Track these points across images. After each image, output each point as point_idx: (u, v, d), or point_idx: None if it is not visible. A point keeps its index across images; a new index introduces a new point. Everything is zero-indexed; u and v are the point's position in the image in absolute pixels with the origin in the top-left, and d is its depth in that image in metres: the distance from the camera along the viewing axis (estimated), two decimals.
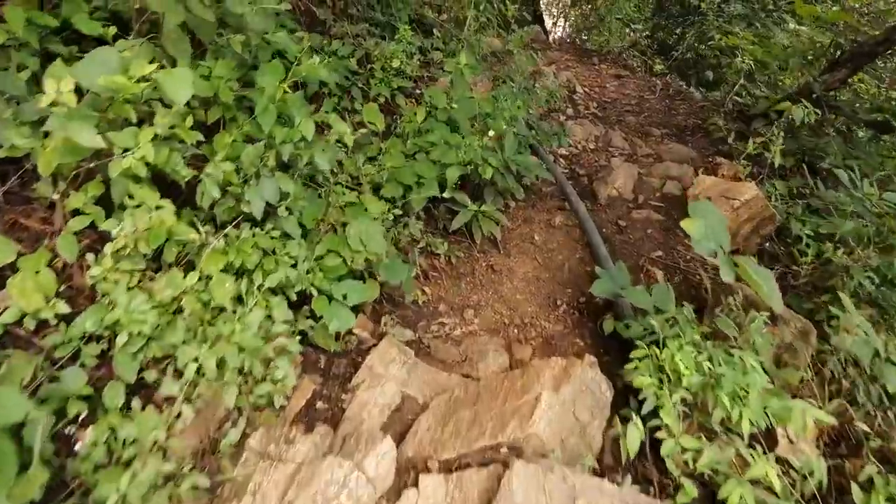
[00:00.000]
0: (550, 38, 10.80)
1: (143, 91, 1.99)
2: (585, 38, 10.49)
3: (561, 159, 5.35)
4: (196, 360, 1.91)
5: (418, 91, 4.55)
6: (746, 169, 4.94)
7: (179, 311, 1.98)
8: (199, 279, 2.02)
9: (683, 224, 2.43)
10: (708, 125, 6.57)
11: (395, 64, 4.27)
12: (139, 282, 1.99)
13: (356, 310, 2.80)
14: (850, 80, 6.48)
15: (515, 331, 3.41)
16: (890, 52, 6.20)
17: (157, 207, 1.99)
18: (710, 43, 8.76)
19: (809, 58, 6.62)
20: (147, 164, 1.95)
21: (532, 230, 4.15)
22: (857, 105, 6.42)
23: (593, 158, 5.47)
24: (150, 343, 1.92)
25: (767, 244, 4.42)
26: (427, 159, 3.56)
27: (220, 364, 1.95)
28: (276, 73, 2.48)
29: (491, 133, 3.80)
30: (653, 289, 2.84)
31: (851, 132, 6.60)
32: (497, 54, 6.34)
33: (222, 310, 2.07)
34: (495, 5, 7.21)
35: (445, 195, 3.59)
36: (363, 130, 3.50)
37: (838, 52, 6.24)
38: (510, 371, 2.62)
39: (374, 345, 2.98)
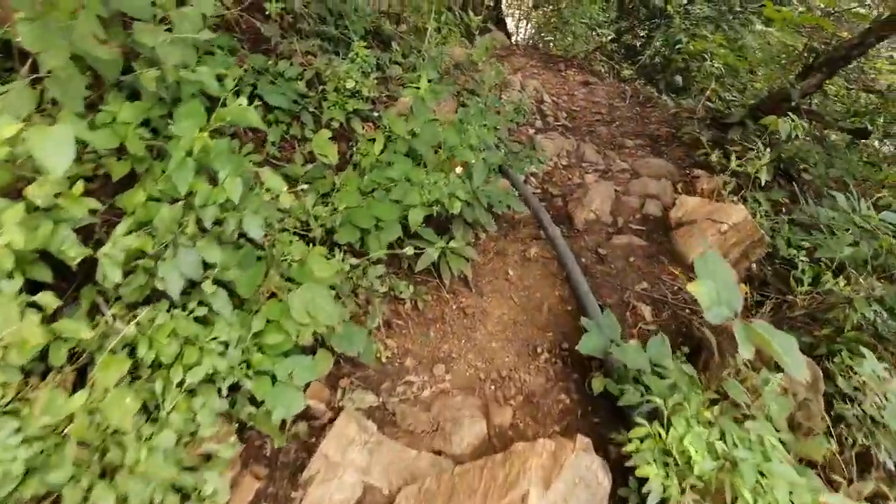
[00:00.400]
0: (514, 41, 10.50)
1: (14, 153, 1.56)
2: (550, 40, 10.19)
3: (532, 178, 5.00)
4: (87, 499, 1.48)
5: (376, 113, 4.13)
6: (728, 185, 4.66)
7: (65, 437, 1.55)
8: (92, 394, 1.59)
9: (690, 289, 2.08)
10: (682, 134, 6.30)
11: (350, 84, 3.86)
12: (12, 400, 1.55)
13: (307, 385, 2.40)
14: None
15: (492, 387, 3.03)
16: (863, 55, 6.01)
17: (31, 304, 1.56)
18: (678, 47, 8.55)
19: (782, 62, 6.40)
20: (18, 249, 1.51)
21: (506, 264, 3.78)
22: (834, 110, 6.24)
23: (566, 176, 5.14)
24: (26, 480, 1.49)
25: (755, 265, 4.15)
26: (387, 198, 3.15)
27: (122, 501, 1.52)
28: (196, 117, 2.05)
29: (458, 170, 3.41)
30: (648, 345, 2.49)
31: (824, 137, 6.43)
32: (461, 66, 5.97)
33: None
34: (457, 13, 6.85)
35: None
36: (310, 167, 3.09)
37: (812, 57, 6.04)
38: (490, 456, 2.24)
39: (331, 420, 2.58)
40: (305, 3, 4.53)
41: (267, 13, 4.10)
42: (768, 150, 4.41)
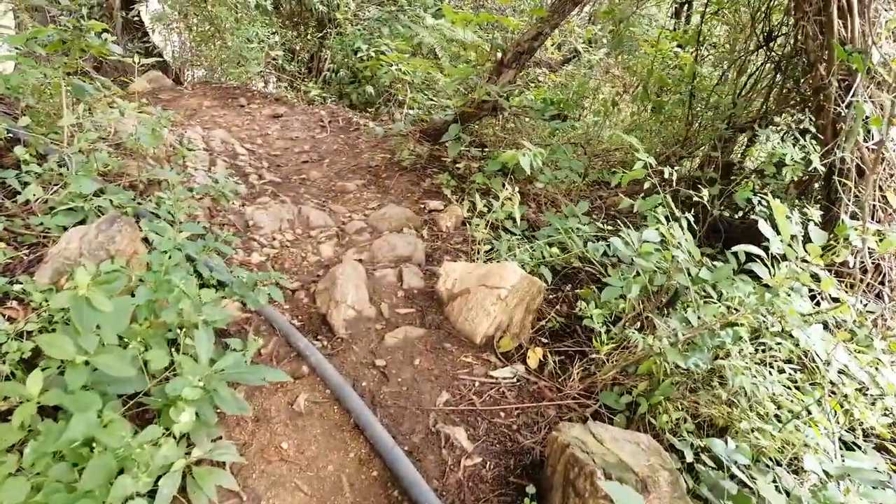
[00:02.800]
0: (179, 79, 8.91)
1: None
2: (220, 71, 8.85)
3: (257, 269, 3.96)
4: None
5: (18, 284, 2.67)
6: (465, 207, 4.29)
7: None
8: None
9: None
10: (401, 160, 5.83)
11: None
12: None
13: None
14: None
15: None
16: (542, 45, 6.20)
17: None
18: (360, 55, 8.06)
19: (472, 63, 6.30)
20: None
21: (274, 434, 2.75)
22: (534, 104, 6.38)
23: (299, 255, 4.20)
24: None
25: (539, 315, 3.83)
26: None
27: None
28: None
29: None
30: None
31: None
32: (130, 153, 4.48)
33: None
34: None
35: None
36: None
37: (499, 54, 6.02)
38: None
39: None
40: None
41: None
42: (515, 189, 4.07)
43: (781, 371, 2.86)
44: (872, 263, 3.70)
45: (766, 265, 2.99)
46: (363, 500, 2.54)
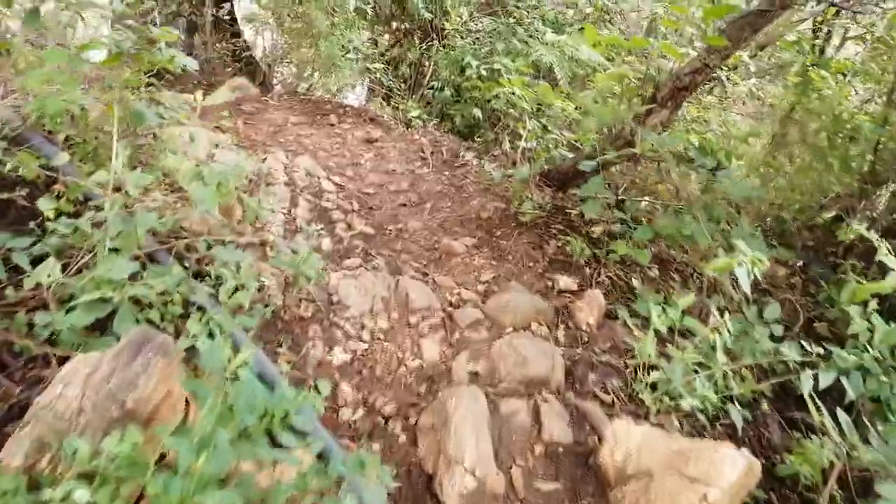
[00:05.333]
0: (266, 87, 8.14)
1: None
2: (311, 81, 8.00)
3: (344, 386, 2.92)
4: None
5: None
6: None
7: None
8: None
9: None
10: (518, 210, 4.70)
11: None
12: None
13: None
14: None
15: None
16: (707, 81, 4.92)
17: None
18: (468, 73, 6.99)
19: (620, 94, 5.08)
20: None
21: None
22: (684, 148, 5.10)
23: (394, 357, 3.15)
24: None
25: None
26: None
27: None
28: None
29: None
30: None
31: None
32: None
33: None
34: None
35: None
36: None
37: (652, 89, 4.78)
38: None
39: None
40: None
41: None
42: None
43: None
44: None
45: None
46: None
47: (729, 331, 2.93)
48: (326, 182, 4.95)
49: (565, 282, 3.93)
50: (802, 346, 2.99)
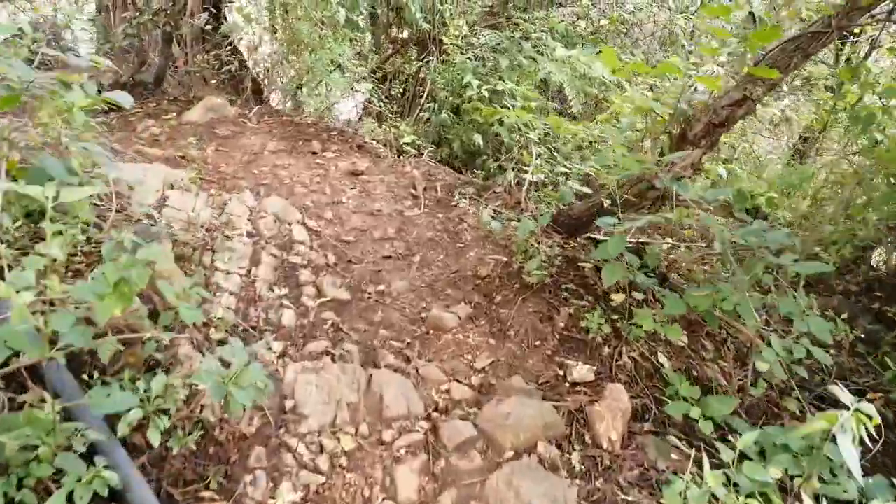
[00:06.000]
0: (248, 102, 7.40)
1: None
2: (297, 97, 7.24)
3: None
4: None
5: None
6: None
7: None
8: None
9: None
10: (523, 268, 3.95)
11: None
12: None
13: None
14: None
15: None
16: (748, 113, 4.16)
17: None
18: (468, 93, 6.23)
19: (640, 129, 4.31)
20: None
21: None
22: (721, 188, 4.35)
23: (359, 496, 2.41)
24: None
25: None
26: None
27: None
28: None
29: None
30: None
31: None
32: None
33: None
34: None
35: None
36: None
37: (682, 124, 4.01)
38: None
39: None
40: None
41: None
42: None
43: None
44: None
45: None
46: None
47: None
48: (299, 228, 4.21)
49: (580, 371, 3.18)
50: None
